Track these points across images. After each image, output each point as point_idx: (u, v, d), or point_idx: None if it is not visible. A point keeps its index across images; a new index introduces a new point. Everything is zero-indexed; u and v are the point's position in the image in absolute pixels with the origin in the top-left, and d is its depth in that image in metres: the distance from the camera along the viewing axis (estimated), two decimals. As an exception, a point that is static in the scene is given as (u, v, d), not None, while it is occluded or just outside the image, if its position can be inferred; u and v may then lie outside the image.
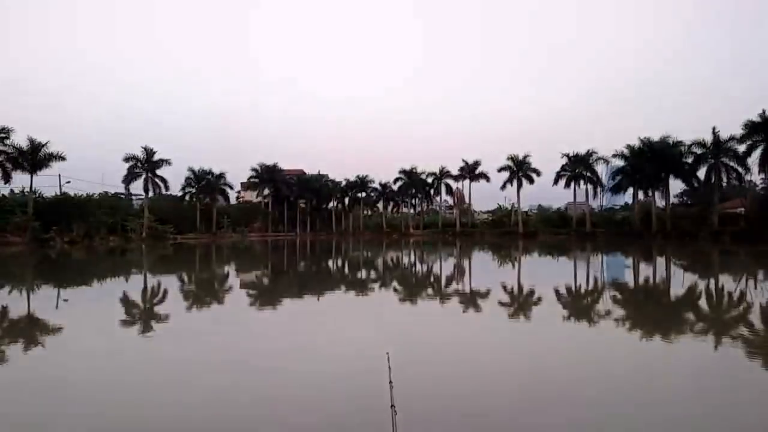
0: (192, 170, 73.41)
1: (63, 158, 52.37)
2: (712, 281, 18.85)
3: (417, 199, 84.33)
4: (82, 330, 10.04)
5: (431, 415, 5.03)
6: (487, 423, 4.94)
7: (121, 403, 5.53)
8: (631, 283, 18.55)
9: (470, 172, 74.65)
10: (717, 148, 51.32)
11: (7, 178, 49.61)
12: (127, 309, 12.89)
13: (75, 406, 5.49)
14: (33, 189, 52.24)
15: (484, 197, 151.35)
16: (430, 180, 79.88)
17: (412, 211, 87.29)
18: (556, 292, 15.00)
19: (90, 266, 28.91)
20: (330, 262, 31.00)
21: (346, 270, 25.47)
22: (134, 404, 5.51)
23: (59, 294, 16.08)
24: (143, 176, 63.39)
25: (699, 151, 53.02)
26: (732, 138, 49.93)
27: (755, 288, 16.00)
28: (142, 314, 12.08)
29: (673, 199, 62.13)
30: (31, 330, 10.16)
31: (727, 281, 18.62)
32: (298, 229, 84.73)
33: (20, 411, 5.36)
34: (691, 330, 9.85)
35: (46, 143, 51.12)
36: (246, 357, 7.55)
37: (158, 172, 64.19)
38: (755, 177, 53.35)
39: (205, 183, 73.62)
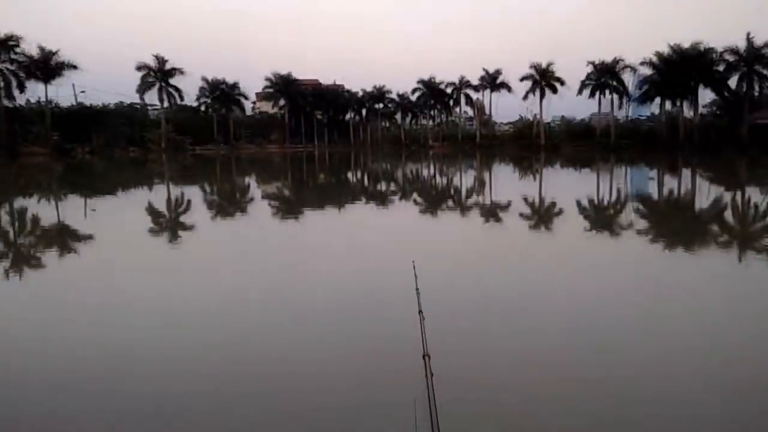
0: (206, 80, 72.28)
1: (75, 66, 51.82)
2: (738, 194, 18.57)
3: (436, 111, 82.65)
4: (112, 240, 10.35)
5: (456, 319, 5.20)
6: (502, 328, 5.10)
7: (148, 313, 5.79)
8: (655, 196, 18.39)
9: (491, 81, 72.35)
10: (750, 56, 48.86)
11: (21, 88, 49.51)
12: (155, 219, 13.20)
13: (111, 314, 5.77)
14: (48, 99, 52.25)
15: (505, 108, 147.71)
16: (449, 90, 77.74)
17: (431, 123, 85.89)
18: (578, 204, 14.96)
19: (113, 176, 29.38)
20: (349, 175, 31.08)
21: (366, 182, 25.56)
22: (163, 314, 5.76)
23: (86, 204, 16.47)
24: (157, 86, 62.68)
25: (731, 58, 50.52)
26: (766, 45, 47.38)
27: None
28: (168, 224, 12.37)
29: (702, 110, 60.06)
30: (62, 239, 10.50)
31: (753, 194, 18.34)
32: (316, 141, 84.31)
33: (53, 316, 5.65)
34: (714, 242, 9.84)
35: (56, 51, 50.48)
36: (272, 268, 7.78)
37: (172, 81, 63.38)
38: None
39: (220, 93, 72.69)
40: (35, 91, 52.09)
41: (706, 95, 56.05)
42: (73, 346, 4.72)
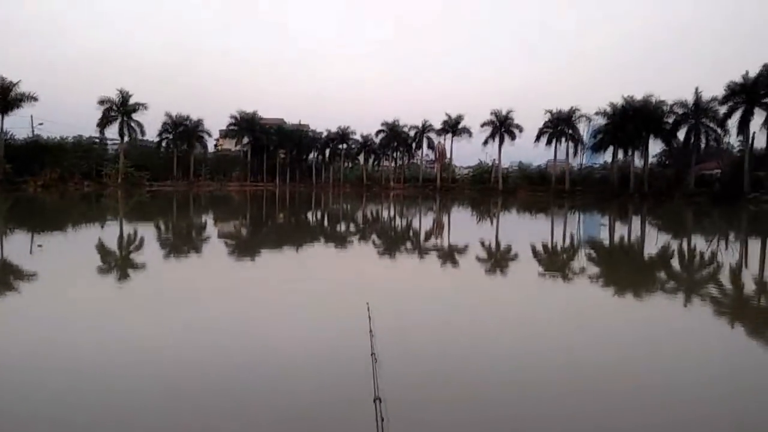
0: (169, 115, 71.73)
1: (35, 98, 50.78)
2: (684, 241, 19.32)
3: (398, 153, 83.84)
4: (57, 277, 9.98)
5: (410, 365, 5.16)
6: (463, 368, 5.09)
7: (97, 350, 5.57)
8: (606, 242, 18.95)
9: (453, 126, 74.16)
10: (698, 110, 51.86)
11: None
12: (103, 256, 12.81)
13: (54, 350, 5.52)
14: (3, 130, 50.77)
15: (465, 153, 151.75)
16: (412, 133, 79.25)
17: (393, 164, 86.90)
18: (532, 248, 15.29)
19: (64, 211, 28.48)
20: (309, 215, 30.99)
21: (326, 223, 25.51)
22: (111, 352, 5.56)
23: (33, 239, 15.87)
24: (119, 120, 61.79)
25: (680, 111, 53.53)
26: (714, 99, 50.44)
27: (725, 248, 16.48)
28: (118, 262, 12.02)
29: (651, 160, 62.86)
30: (3, 276, 10.07)
31: (698, 241, 19.12)
32: (278, 180, 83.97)
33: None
34: (661, 288, 10.16)
35: (17, 83, 49.50)
36: (222, 307, 7.61)
37: (135, 116, 62.63)
38: (733, 139, 54.26)
39: (183, 129, 72.11)
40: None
41: (656, 145, 58.87)
42: None
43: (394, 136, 79.35)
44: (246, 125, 79.47)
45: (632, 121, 54.88)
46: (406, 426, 3.71)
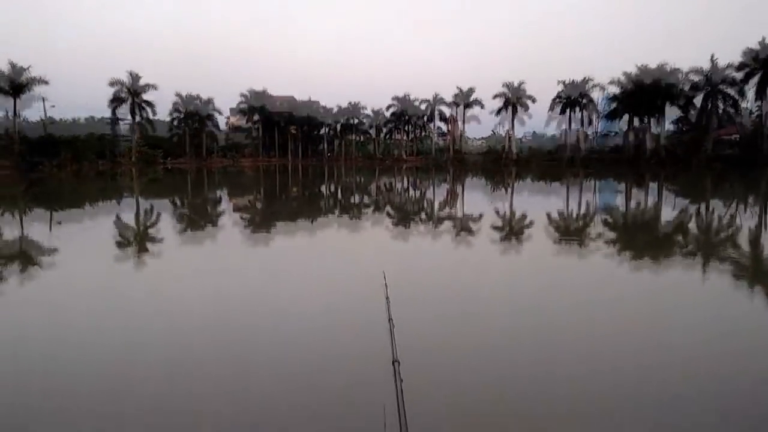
0: (179, 95, 71.67)
1: (46, 82, 50.97)
2: (702, 206, 19.04)
3: (410, 126, 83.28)
4: (78, 253, 10.09)
5: (426, 329, 5.18)
6: (477, 331, 5.10)
7: (114, 330, 5.65)
8: (622, 208, 18.74)
9: (464, 99, 73.32)
10: (714, 76, 50.72)
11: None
12: (122, 232, 12.93)
13: (72, 331, 5.60)
14: (17, 112, 51.13)
15: (478, 125, 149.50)
16: (423, 107, 78.54)
17: (405, 138, 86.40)
18: (548, 216, 15.16)
19: (81, 190, 28.77)
20: (323, 188, 31.00)
21: (340, 195, 25.51)
22: (128, 330, 5.63)
23: (52, 217, 16.07)
24: (129, 101, 61.95)
25: (696, 78, 52.39)
26: (729, 65, 49.28)
27: (744, 213, 16.22)
28: (136, 237, 12.13)
29: (668, 126, 61.78)
30: (25, 253, 10.20)
31: (717, 206, 18.83)
32: (290, 155, 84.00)
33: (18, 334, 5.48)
34: (679, 253, 10.04)
35: (28, 67, 49.74)
36: (242, 280, 7.67)
37: (145, 97, 62.71)
38: (751, 104, 53.06)
39: (193, 108, 72.11)
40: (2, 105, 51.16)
41: (672, 112, 57.79)
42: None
43: (406, 110, 78.71)
44: (256, 102, 79.27)
45: (647, 89, 53.84)
46: (423, 386, 3.74)
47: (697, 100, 53.21)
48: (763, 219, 14.80)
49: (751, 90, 47.69)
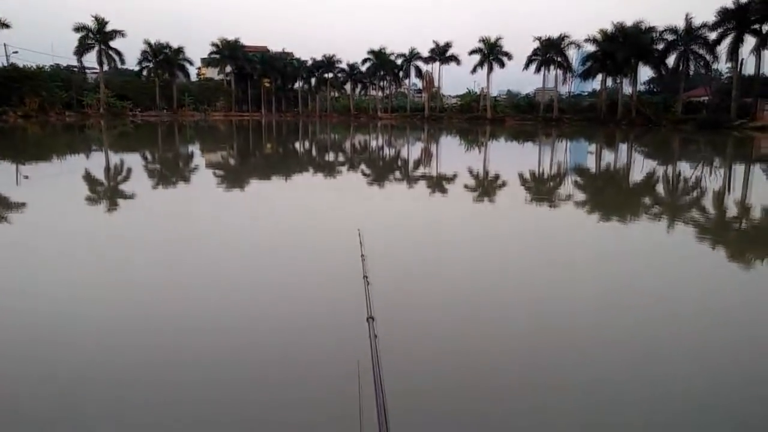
0: (148, 43, 69.18)
1: (7, 25, 48.69)
2: (670, 167, 19.47)
3: (386, 82, 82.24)
4: (46, 208, 9.89)
5: (400, 286, 5.29)
6: (451, 287, 5.23)
7: (87, 284, 5.62)
8: (593, 168, 19.05)
9: (441, 54, 72.49)
10: (688, 35, 50.88)
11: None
12: (91, 186, 12.68)
13: (42, 285, 5.55)
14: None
15: (454, 82, 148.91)
16: (399, 62, 77.45)
17: (380, 94, 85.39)
18: (519, 176, 15.36)
19: (47, 142, 27.91)
20: (297, 144, 30.65)
21: (315, 152, 25.29)
22: (98, 284, 5.60)
23: (18, 170, 15.62)
24: (96, 48, 59.61)
25: (670, 37, 52.53)
26: (704, 25, 49.36)
27: (709, 174, 16.65)
28: (106, 192, 11.92)
29: (640, 87, 62.30)
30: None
31: (683, 167, 19.27)
32: (263, 109, 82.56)
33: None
34: (645, 213, 10.32)
35: (-15, 8, 47.21)
36: (212, 236, 7.64)
37: (112, 44, 60.41)
38: (722, 66, 53.70)
39: (163, 57, 69.78)
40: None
41: (645, 73, 58.22)
42: None
43: (381, 65, 77.50)
44: (228, 53, 77.13)
45: (622, 47, 53.88)
46: (397, 341, 3.85)
47: (671, 61, 53.51)
48: (727, 181, 15.24)
49: (723, 51, 47.98)
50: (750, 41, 45.80)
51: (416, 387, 3.42)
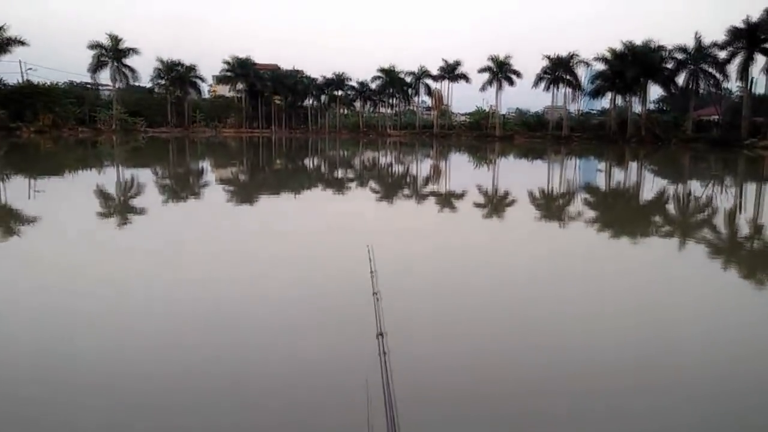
0: (161, 60, 70.11)
1: (24, 43, 49.52)
2: (680, 186, 19.35)
3: (395, 99, 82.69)
4: (58, 222, 9.99)
5: (410, 302, 5.27)
6: (461, 304, 5.20)
7: (98, 296, 5.65)
8: (603, 187, 18.97)
9: (450, 72, 72.88)
10: (698, 54, 50.83)
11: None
12: (104, 201, 12.80)
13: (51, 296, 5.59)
14: (-7, 75, 49.79)
15: (463, 99, 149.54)
16: (408, 79, 77.89)
17: (390, 111, 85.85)
18: (529, 194, 15.32)
19: (61, 157, 28.24)
20: (307, 161, 30.80)
21: (324, 169, 25.40)
22: (112, 297, 5.63)
23: (31, 185, 15.80)
24: (110, 65, 60.54)
25: (680, 56, 52.48)
26: (714, 44, 49.30)
27: (720, 193, 16.54)
28: (118, 207, 12.01)
29: (650, 105, 62.19)
30: (4, 220, 10.07)
31: (694, 186, 19.15)
32: (274, 126, 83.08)
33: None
34: (656, 231, 10.25)
35: (2, 26, 48.07)
36: (221, 252, 7.67)
37: (126, 61, 61.32)
38: (732, 85, 53.54)
39: (176, 74, 70.66)
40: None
41: (655, 91, 58.12)
42: None
43: (391, 82, 77.97)
44: (240, 71, 77.90)
45: (631, 66, 53.89)
46: (408, 358, 3.82)
47: (681, 80, 53.42)
48: (739, 201, 15.12)
49: (734, 70, 47.85)
50: (760, 60, 45.78)
51: (428, 403, 3.39)
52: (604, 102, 66.07)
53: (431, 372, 3.85)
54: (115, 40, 59.94)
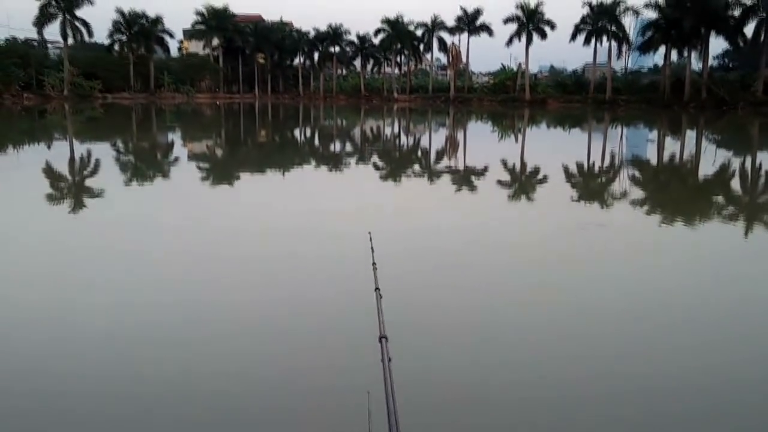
0: (120, 12, 69.74)
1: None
2: (749, 160, 19.24)
3: (403, 57, 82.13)
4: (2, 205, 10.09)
5: (415, 298, 5.33)
6: (470, 302, 5.27)
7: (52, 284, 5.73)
8: (653, 162, 18.92)
9: (469, 23, 72.22)
10: (771, 0, 50.27)
11: None
12: (53, 182, 12.89)
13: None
14: None
15: (485, 56, 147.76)
16: (419, 32, 77.17)
17: (397, 71, 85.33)
18: (565, 170, 15.26)
19: (1, 129, 28.38)
20: (298, 133, 30.82)
21: (318, 143, 25.44)
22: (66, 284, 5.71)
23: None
24: (60, 18, 60.34)
25: (749, 1, 51.82)
26: (792, -16, 48.69)
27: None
28: (71, 189, 12.11)
29: (712, 62, 61.58)
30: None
31: (766, 159, 19.05)
32: (257, 90, 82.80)
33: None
34: (718, 215, 10.25)
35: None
36: (209, 239, 7.74)
37: (79, 13, 61.10)
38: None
39: (138, 29, 70.43)
40: None
41: (717, 45, 57.43)
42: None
43: (398, 36, 77.24)
44: (216, 23, 77.47)
45: (690, 14, 53.24)
46: (412, 364, 3.88)
47: (750, 30, 52.77)
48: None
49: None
50: None
51: (434, 413, 3.46)
52: (656, 58, 65.52)
53: (437, 380, 3.92)
54: (66, -14, 59.68)
